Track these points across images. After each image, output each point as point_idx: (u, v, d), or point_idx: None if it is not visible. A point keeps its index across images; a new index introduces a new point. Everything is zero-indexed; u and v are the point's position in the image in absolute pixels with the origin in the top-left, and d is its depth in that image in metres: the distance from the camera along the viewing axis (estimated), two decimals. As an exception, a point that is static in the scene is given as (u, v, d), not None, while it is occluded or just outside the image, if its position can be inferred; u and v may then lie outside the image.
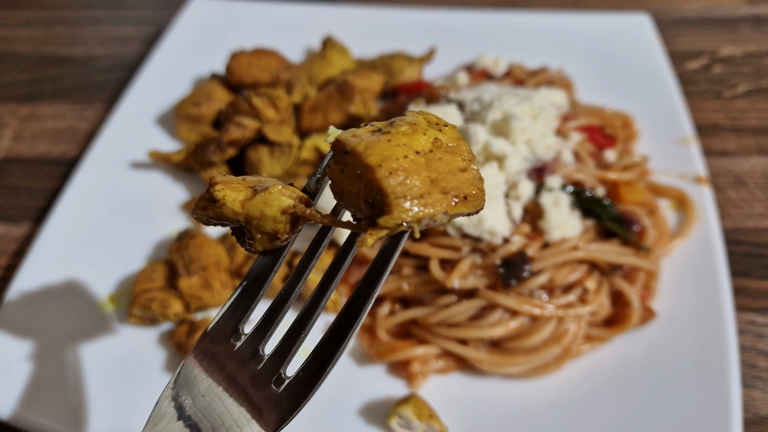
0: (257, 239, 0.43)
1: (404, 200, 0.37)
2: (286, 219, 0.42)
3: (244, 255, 0.85)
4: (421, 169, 0.38)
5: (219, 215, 0.42)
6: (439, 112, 0.86)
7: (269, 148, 0.93)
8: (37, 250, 0.85)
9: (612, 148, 0.91)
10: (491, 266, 0.76)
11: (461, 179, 0.39)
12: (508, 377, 0.75)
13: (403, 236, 0.40)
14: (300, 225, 0.43)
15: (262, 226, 0.42)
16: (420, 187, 0.37)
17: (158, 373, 0.75)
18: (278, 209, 0.42)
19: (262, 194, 0.42)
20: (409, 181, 0.37)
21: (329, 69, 1.12)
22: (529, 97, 0.85)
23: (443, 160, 0.39)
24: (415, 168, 0.38)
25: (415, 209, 0.37)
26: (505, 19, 1.25)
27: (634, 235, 0.82)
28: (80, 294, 0.82)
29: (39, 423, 0.68)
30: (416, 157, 0.38)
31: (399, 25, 1.25)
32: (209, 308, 0.82)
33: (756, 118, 1.14)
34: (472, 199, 0.39)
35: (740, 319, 0.83)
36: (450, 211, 0.38)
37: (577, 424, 0.70)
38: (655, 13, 1.37)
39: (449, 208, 0.38)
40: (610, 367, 0.75)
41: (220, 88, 1.05)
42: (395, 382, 0.75)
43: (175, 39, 1.22)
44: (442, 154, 0.39)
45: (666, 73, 1.09)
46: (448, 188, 0.38)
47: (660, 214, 0.87)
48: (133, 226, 0.91)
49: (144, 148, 0.99)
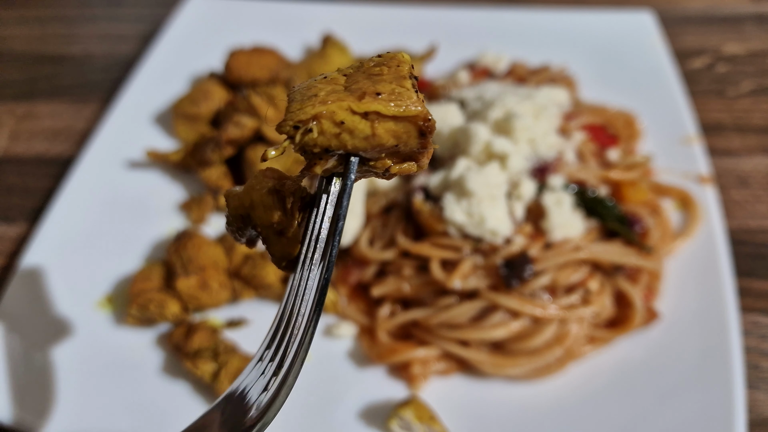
0: (269, 241, 0.42)
1: (297, 103, 0.34)
2: (275, 201, 0.40)
3: (242, 255, 0.85)
4: (335, 83, 0.35)
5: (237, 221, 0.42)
6: (441, 111, 0.85)
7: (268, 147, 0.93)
8: (34, 251, 0.85)
9: (615, 147, 0.91)
10: (493, 267, 0.75)
11: (378, 80, 0.35)
12: (509, 379, 0.74)
13: (349, 171, 0.37)
14: (295, 209, 0.41)
15: (261, 218, 0.41)
16: (325, 93, 0.34)
17: (155, 374, 0.75)
18: (263, 191, 0.40)
19: (248, 182, 0.41)
20: (310, 88, 0.34)
21: (329, 67, 1.11)
22: (531, 96, 0.84)
23: (370, 74, 0.35)
24: (328, 81, 0.35)
25: (308, 109, 0.34)
26: (506, 16, 1.24)
27: (637, 235, 0.81)
28: (77, 294, 0.82)
29: (34, 424, 0.68)
30: (336, 74, 0.35)
31: (399, 23, 1.24)
32: (207, 309, 0.82)
33: (760, 117, 1.13)
34: (388, 95, 0.34)
35: (744, 319, 0.83)
36: (357, 108, 0.34)
37: (579, 427, 0.69)
38: (658, 11, 1.36)
39: (355, 105, 0.34)
40: (612, 368, 0.74)
41: (219, 87, 1.04)
42: (396, 385, 0.75)
43: (173, 37, 1.21)
44: (371, 70, 0.35)
45: (669, 71, 1.08)
46: (355, 88, 0.35)
47: (663, 214, 0.86)
48: (131, 226, 0.91)
49: (141, 147, 0.98)
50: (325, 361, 0.77)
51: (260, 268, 0.80)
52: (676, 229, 0.87)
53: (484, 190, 0.74)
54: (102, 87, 1.25)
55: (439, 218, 0.77)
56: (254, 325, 0.81)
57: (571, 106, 0.93)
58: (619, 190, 0.85)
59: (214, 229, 0.93)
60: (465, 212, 0.75)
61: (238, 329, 0.80)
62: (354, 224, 0.83)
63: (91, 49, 1.35)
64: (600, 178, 0.83)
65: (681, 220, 0.88)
